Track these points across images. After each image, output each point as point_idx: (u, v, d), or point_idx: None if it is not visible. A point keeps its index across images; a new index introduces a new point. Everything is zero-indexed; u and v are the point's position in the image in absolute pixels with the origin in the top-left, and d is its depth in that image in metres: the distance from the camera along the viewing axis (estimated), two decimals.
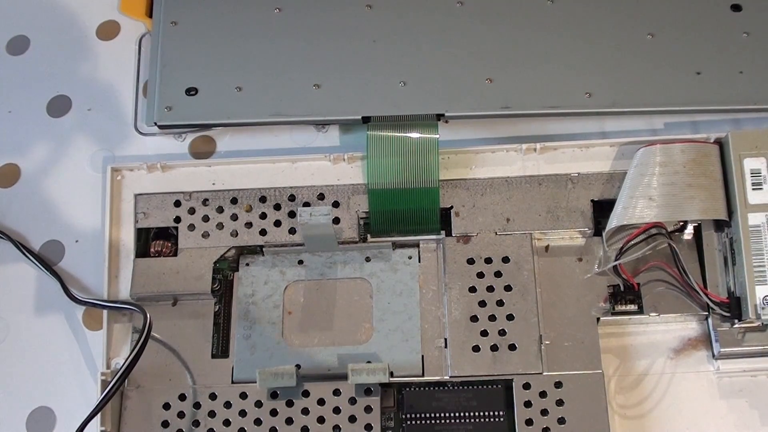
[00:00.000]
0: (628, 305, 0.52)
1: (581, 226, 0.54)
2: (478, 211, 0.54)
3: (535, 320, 0.52)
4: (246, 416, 0.51)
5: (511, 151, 0.56)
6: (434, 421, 0.51)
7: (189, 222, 0.55)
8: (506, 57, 0.58)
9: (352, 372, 0.50)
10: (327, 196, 0.55)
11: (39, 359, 0.55)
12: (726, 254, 0.52)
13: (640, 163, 0.53)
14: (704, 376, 0.52)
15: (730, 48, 0.58)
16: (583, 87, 0.57)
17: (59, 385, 0.55)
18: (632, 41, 0.58)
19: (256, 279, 0.54)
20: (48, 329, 0.56)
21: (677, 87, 0.57)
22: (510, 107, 0.56)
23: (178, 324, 0.54)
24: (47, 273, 0.56)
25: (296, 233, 0.54)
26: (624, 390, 0.52)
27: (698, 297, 0.51)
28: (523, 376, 0.51)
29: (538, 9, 0.60)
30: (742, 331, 0.51)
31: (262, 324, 0.53)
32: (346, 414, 0.51)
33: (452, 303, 0.52)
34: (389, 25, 0.59)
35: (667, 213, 0.51)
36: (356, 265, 0.54)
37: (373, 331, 0.53)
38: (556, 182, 0.54)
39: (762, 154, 0.52)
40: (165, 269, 0.54)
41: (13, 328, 0.56)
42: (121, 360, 0.53)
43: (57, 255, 0.57)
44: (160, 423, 0.51)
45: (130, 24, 0.63)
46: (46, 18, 0.65)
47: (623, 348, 0.53)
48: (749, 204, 0.51)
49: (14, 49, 0.64)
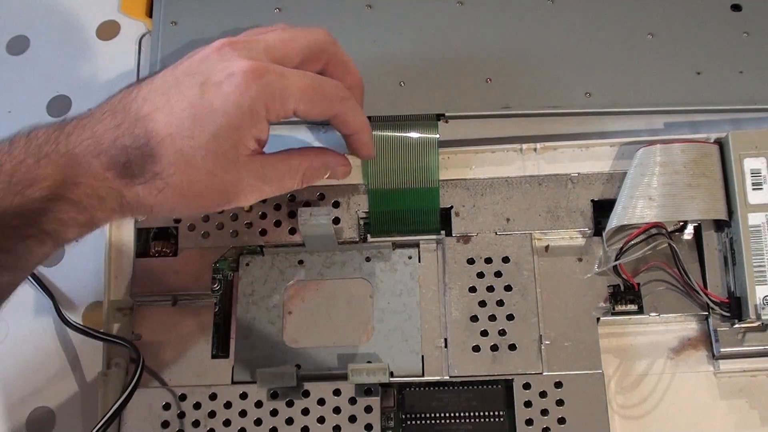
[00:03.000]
0: (628, 305, 0.52)
1: (581, 226, 0.54)
2: (478, 211, 0.54)
3: (535, 320, 0.52)
4: (246, 416, 0.51)
5: (511, 151, 0.56)
6: (434, 421, 0.51)
7: (189, 222, 0.55)
8: (506, 57, 0.58)
9: (352, 372, 0.50)
10: (327, 196, 0.55)
11: (39, 359, 0.55)
12: (726, 254, 0.52)
13: (640, 163, 0.53)
14: (704, 376, 0.52)
15: (730, 48, 0.58)
16: (583, 87, 0.57)
17: (59, 385, 0.54)
18: (632, 41, 0.58)
19: (256, 279, 0.54)
20: (48, 329, 0.56)
21: (677, 87, 0.57)
22: (510, 107, 0.56)
23: (178, 324, 0.54)
24: (42, 292, 0.56)
25: (296, 233, 0.54)
26: (624, 390, 0.52)
27: (698, 297, 0.52)
28: (523, 376, 0.51)
29: (538, 9, 0.60)
30: (742, 331, 0.51)
31: (262, 324, 0.53)
32: (346, 414, 0.51)
33: (452, 303, 0.52)
34: (389, 25, 0.59)
35: (667, 213, 0.51)
36: (356, 265, 0.54)
37: (373, 331, 0.53)
38: (556, 182, 0.55)
39: (762, 154, 0.52)
40: (165, 269, 0.54)
41: (13, 327, 0.56)
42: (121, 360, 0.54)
43: (57, 255, 0.57)
44: (160, 423, 0.51)
45: (130, 24, 0.63)
46: (46, 18, 0.65)
47: (623, 348, 0.53)
48: (749, 204, 0.51)
49: (14, 49, 0.64)
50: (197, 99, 0.44)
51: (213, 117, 0.44)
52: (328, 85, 0.48)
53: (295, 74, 0.46)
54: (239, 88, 0.44)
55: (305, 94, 0.46)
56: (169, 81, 0.45)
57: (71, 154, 0.43)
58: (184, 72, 0.45)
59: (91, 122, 0.45)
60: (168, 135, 0.44)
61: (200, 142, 0.44)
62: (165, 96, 0.45)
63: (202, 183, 0.45)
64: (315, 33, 0.49)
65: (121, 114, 0.45)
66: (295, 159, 0.49)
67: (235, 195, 0.47)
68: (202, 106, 0.44)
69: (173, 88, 0.45)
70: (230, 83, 0.44)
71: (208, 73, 0.45)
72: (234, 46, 0.46)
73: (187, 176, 0.45)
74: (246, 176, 0.46)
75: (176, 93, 0.45)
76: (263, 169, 0.47)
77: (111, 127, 0.44)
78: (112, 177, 0.44)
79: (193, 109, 0.44)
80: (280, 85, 0.45)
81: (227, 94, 0.44)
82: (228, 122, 0.44)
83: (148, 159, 0.44)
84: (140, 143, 0.44)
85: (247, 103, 0.44)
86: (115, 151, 0.44)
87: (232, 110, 0.44)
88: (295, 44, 0.47)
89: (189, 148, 0.44)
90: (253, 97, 0.44)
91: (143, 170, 0.44)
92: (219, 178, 0.45)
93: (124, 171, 0.44)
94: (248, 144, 0.46)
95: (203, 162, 0.44)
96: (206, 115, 0.44)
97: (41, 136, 0.44)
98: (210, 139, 0.44)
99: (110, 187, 0.44)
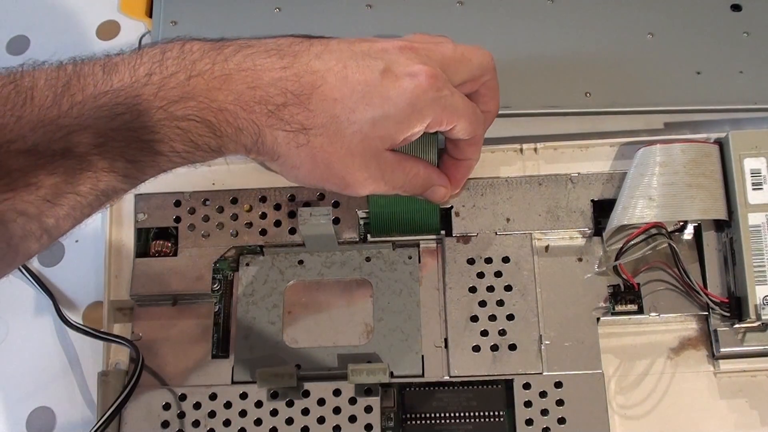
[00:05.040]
0: (628, 305, 0.52)
1: (581, 226, 0.54)
2: (478, 211, 0.54)
3: (535, 320, 0.52)
4: (246, 416, 0.51)
5: (510, 151, 0.56)
6: (434, 421, 0.51)
7: (189, 222, 0.55)
8: (506, 57, 0.58)
9: (352, 372, 0.50)
10: (327, 196, 0.55)
11: (39, 359, 0.55)
12: (726, 254, 0.52)
13: (640, 163, 0.53)
14: (704, 376, 0.52)
15: (730, 48, 0.58)
16: (583, 87, 0.57)
17: (59, 385, 0.55)
18: (632, 41, 0.58)
19: (256, 279, 0.54)
20: (48, 328, 0.56)
21: (677, 87, 0.57)
22: (510, 107, 0.56)
23: (178, 324, 0.54)
24: (42, 292, 0.56)
25: (296, 233, 0.54)
26: (624, 390, 0.52)
27: (698, 297, 0.51)
28: (523, 376, 0.51)
29: (538, 9, 0.60)
30: (742, 331, 0.51)
31: (262, 324, 0.53)
32: (346, 414, 0.51)
33: (452, 303, 0.52)
34: (389, 25, 0.59)
35: (667, 213, 0.51)
36: (356, 265, 0.54)
37: (373, 331, 0.53)
38: (556, 182, 0.55)
39: (762, 154, 0.52)
40: (165, 269, 0.54)
41: (13, 327, 0.56)
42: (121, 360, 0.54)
43: (57, 255, 0.57)
44: (160, 423, 0.51)
45: (130, 24, 0.63)
46: (46, 18, 0.65)
47: (623, 348, 0.53)
48: (749, 204, 0.51)
49: (14, 49, 0.64)
50: (375, 80, 0.45)
51: (383, 103, 0.45)
52: (479, 112, 0.49)
53: (461, 95, 0.48)
54: (419, 88, 0.45)
55: (466, 115, 0.47)
56: (345, 51, 0.46)
57: (226, 78, 0.43)
58: (364, 52, 0.46)
59: (254, 53, 0.44)
60: (332, 98, 0.44)
61: (359, 120, 0.44)
62: (342, 63, 0.45)
63: (337, 156, 0.45)
64: (484, 56, 0.49)
65: (290, 58, 0.45)
66: (411, 165, 0.49)
67: (357, 182, 0.47)
68: (377, 89, 0.45)
69: (351, 59, 0.45)
70: (411, 81, 0.45)
71: (390, 64, 0.45)
72: (415, 51, 0.46)
73: (330, 144, 0.45)
74: (375, 168, 0.46)
75: (354, 65, 0.45)
76: (388, 165, 0.47)
77: (277, 67, 0.44)
78: (261, 113, 0.44)
79: (367, 87, 0.45)
80: (452, 101, 0.46)
81: (405, 89, 0.45)
82: (395, 114, 0.45)
83: (303, 111, 0.44)
84: (303, 92, 0.44)
85: (420, 105, 0.45)
86: (275, 90, 0.44)
87: (404, 105, 0.45)
88: (467, 65, 0.48)
89: (345, 120, 0.44)
90: (425, 101, 0.45)
91: (294, 118, 0.44)
92: (354, 159, 0.45)
93: (275, 111, 0.44)
94: (395, 140, 0.46)
95: (351, 138, 0.45)
96: (377, 98, 0.45)
97: (196, 51, 0.43)
98: (369, 120, 0.45)
99: (254, 121, 0.44)
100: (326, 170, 0.46)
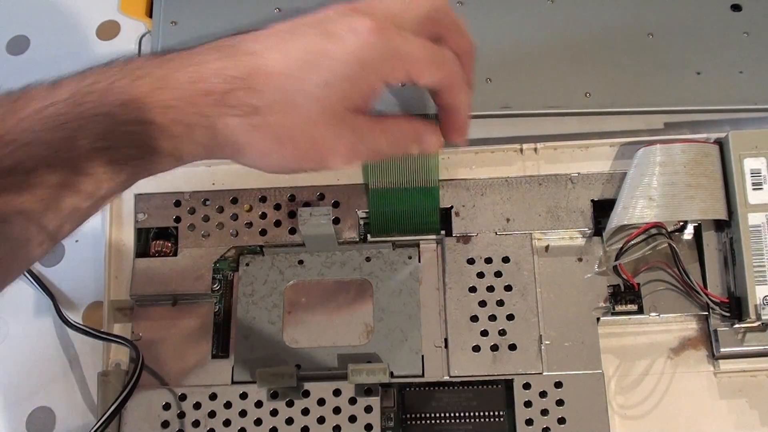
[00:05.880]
0: (628, 305, 0.52)
1: (581, 226, 0.54)
2: (478, 211, 0.54)
3: (535, 320, 0.52)
4: (246, 416, 0.51)
5: (510, 151, 0.56)
6: (434, 421, 0.51)
7: (189, 222, 0.55)
8: (506, 57, 0.58)
9: (352, 372, 0.50)
10: (327, 196, 0.55)
11: (39, 359, 0.55)
12: (726, 254, 0.52)
13: (640, 163, 0.53)
14: (704, 376, 0.52)
15: (730, 48, 0.58)
16: (583, 87, 0.57)
17: (59, 385, 0.55)
18: (632, 41, 0.58)
19: (256, 279, 0.54)
20: (48, 328, 0.56)
21: (677, 87, 0.57)
22: (510, 107, 0.56)
23: (178, 324, 0.54)
24: (42, 292, 0.56)
25: (296, 233, 0.54)
26: (624, 390, 0.52)
27: (698, 297, 0.51)
28: (524, 376, 0.51)
29: (538, 9, 0.60)
30: (742, 331, 0.51)
31: (262, 324, 0.53)
32: (346, 414, 0.51)
33: (452, 303, 0.52)
34: None
35: (667, 213, 0.51)
36: (356, 265, 0.54)
37: (373, 331, 0.53)
38: (556, 182, 0.55)
39: (762, 154, 0.52)
40: (165, 269, 0.54)
41: (13, 327, 0.56)
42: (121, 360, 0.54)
43: (57, 255, 0.57)
44: (160, 423, 0.51)
45: (130, 24, 0.63)
46: (46, 18, 0.65)
47: (623, 348, 0.53)
48: (749, 204, 0.51)
49: (14, 49, 0.64)
50: (317, 45, 0.43)
51: (330, 64, 0.43)
52: (446, 53, 0.47)
53: (416, 39, 0.45)
54: (363, 42, 0.43)
55: (424, 58, 0.45)
56: (282, 29, 0.44)
57: (167, 77, 0.42)
58: (303, 24, 0.44)
59: (193, 55, 0.43)
60: (276, 72, 0.43)
61: (309, 87, 0.43)
62: (279, 38, 0.44)
63: (299, 129, 0.43)
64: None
65: (228, 49, 0.43)
66: (390, 122, 0.47)
67: (331, 151, 0.45)
68: (320, 53, 0.43)
69: (289, 33, 0.44)
70: (354, 37, 0.43)
71: (330, 26, 0.44)
72: (355, 9, 0.45)
73: (286, 118, 0.43)
74: (348, 133, 0.44)
75: (292, 38, 0.44)
76: (361, 128, 0.45)
77: (216, 59, 0.43)
78: (207, 104, 0.42)
79: (309, 54, 0.43)
80: (403, 46, 0.44)
81: (349, 46, 0.43)
82: (344, 72, 0.43)
83: (249, 91, 0.43)
84: (246, 74, 0.43)
85: (368, 57, 0.43)
86: (217, 79, 0.42)
87: (352, 61, 0.43)
88: (415, 10, 0.46)
89: (295, 91, 0.43)
90: (374, 53, 0.43)
91: (242, 101, 0.43)
92: (318, 128, 0.44)
93: (222, 99, 0.42)
94: (356, 100, 0.44)
95: (306, 107, 0.43)
96: (323, 62, 0.43)
97: (139, 62, 0.43)
98: (320, 84, 0.43)
99: (202, 114, 0.42)
100: (294, 147, 0.44)
